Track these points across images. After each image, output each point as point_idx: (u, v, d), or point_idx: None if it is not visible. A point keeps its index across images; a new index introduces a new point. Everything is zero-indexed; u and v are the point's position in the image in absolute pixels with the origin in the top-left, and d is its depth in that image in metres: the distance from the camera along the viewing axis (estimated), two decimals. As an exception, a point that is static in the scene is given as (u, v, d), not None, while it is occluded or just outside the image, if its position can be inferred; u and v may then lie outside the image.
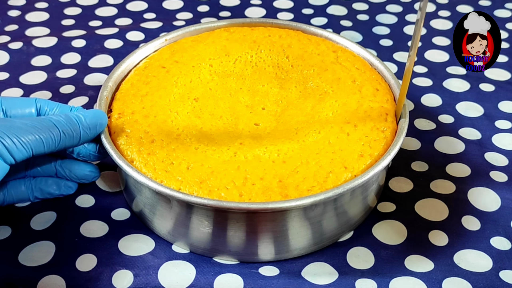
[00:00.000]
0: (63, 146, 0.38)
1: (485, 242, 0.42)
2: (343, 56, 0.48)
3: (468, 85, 0.57)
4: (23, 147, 0.35)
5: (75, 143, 0.39)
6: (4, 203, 0.42)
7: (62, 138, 0.37)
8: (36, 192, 0.43)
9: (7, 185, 0.42)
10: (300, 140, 0.41)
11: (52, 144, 0.37)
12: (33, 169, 0.43)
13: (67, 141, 0.38)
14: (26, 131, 0.36)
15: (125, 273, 0.40)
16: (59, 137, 0.37)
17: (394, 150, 0.40)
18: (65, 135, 0.37)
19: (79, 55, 0.60)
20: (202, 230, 0.39)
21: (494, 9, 0.70)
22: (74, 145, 0.39)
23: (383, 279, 0.40)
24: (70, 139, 0.38)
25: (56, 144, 0.37)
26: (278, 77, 0.48)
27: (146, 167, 0.39)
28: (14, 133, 0.35)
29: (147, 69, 0.47)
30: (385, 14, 0.68)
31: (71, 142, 0.38)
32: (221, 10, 0.68)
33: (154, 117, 0.43)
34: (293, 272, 0.40)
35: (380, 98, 0.44)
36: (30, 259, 0.40)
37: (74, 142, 0.39)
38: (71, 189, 0.44)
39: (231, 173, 0.39)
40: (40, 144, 0.36)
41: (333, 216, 0.40)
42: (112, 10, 0.68)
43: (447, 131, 0.52)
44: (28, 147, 0.36)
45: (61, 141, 0.37)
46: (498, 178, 0.47)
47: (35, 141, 0.36)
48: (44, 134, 0.36)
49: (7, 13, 0.66)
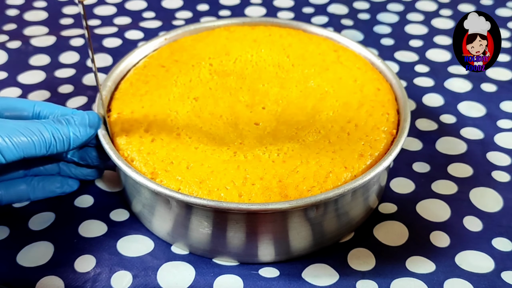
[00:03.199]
0: (55, 151, 0.38)
1: (487, 243, 0.42)
2: (344, 56, 0.48)
3: (470, 85, 0.57)
4: (14, 148, 0.35)
5: (66, 147, 0.38)
6: (2, 202, 0.42)
7: (53, 142, 0.37)
8: (37, 191, 0.43)
9: (6, 184, 0.42)
10: (300, 139, 0.41)
11: (43, 147, 0.37)
12: (35, 168, 0.43)
13: (58, 145, 0.38)
14: (18, 132, 0.36)
15: (124, 274, 0.39)
16: (49, 141, 0.37)
17: (396, 150, 0.40)
18: (55, 140, 0.37)
19: (78, 54, 0.60)
20: (202, 231, 0.39)
21: (496, 8, 0.69)
22: (65, 149, 0.38)
23: (384, 280, 0.39)
24: (60, 144, 0.38)
25: (47, 148, 0.37)
26: (278, 76, 0.47)
27: (146, 167, 0.39)
28: (6, 133, 0.35)
29: (146, 68, 0.47)
30: (386, 13, 0.68)
31: (62, 146, 0.38)
32: (221, 9, 0.68)
33: (154, 117, 0.42)
34: (294, 274, 0.40)
35: (381, 98, 0.44)
36: (28, 260, 0.40)
37: (65, 146, 0.38)
38: (73, 187, 0.44)
39: (230, 173, 0.38)
40: (31, 146, 0.36)
41: (334, 217, 0.40)
42: (111, 9, 0.68)
43: (449, 131, 0.52)
44: (19, 149, 0.36)
45: (51, 145, 0.37)
46: (500, 178, 0.47)
47: (26, 143, 0.36)
48: (35, 137, 0.36)
49: (5, 12, 0.66)
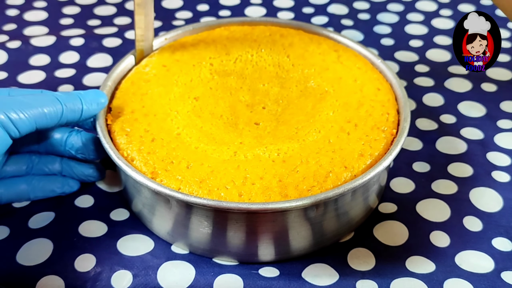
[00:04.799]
0: (65, 120, 0.39)
1: (486, 243, 0.42)
2: (344, 56, 0.48)
3: (470, 85, 0.57)
4: (27, 119, 0.36)
5: (77, 117, 0.39)
6: (1, 201, 0.42)
7: (65, 111, 0.38)
8: (37, 190, 0.43)
9: (6, 183, 0.42)
10: (300, 139, 0.41)
11: (55, 116, 0.38)
12: (37, 166, 0.43)
13: (69, 114, 0.39)
14: (29, 105, 0.36)
15: (124, 273, 0.39)
16: (61, 110, 0.38)
17: (396, 150, 0.40)
18: (67, 108, 0.38)
19: (78, 54, 0.60)
20: (202, 230, 0.39)
21: (496, 8, 0.69)
22: (76, 119, 0.39)
23: (384, 280, 0.39)
24: (72, 113, 0.39)
25: (59, 117, 0.38)
26: (278, 76, 0.47)
27: (146, 166, 0.39)
28: (18, 107, 0.36)
29: (147, 68, 0.47)
30: (386, 13, 0.68)
31: (73, 116, 0.39)
32: (221, 9, 0.68)
33: (154, 116, 0.42)
34: (293, 273, 0.40)
35: (381, 98, 0.44)
36: (28, 259, 0.40)
37: (76, 116, 0.39)
38: (73, 187, 0.44)
39: (230, 173, 0.38)
40: (43, 116, 0.37)
41: (334, 217, 0.40)
42: (111, 9, 0.67)
43: (449, 131, 0.52)
44: (32, 120, 0.36)
45: (63, 114, 0.38)
46: (501, 178, 0.47)
47: (38, 114, 0.37)
48: (47, 107, 0.37)
49: (5, 12, 0.66)
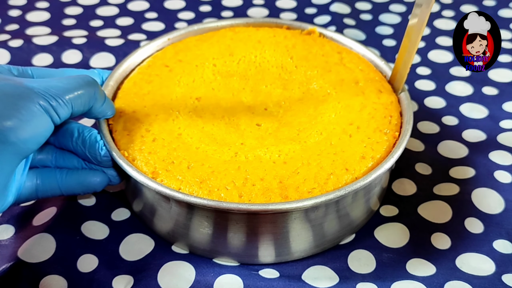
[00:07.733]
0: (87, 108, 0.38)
1: (488, 245, 0.42)
2: (347, 58, 0.48)
3: (472, 86, 0.57)
4: (66, 105, 0.36)
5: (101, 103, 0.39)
6: (38, 195, 0.40)
7: (92, 99, 0.38)
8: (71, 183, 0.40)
9: (42, 173, 0.40)
10: (302, 141, 0.41)
11: (86, 104, 0.37)
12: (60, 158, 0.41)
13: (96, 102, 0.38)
14: (66, 89, 0.36)
15: (124, 274, 0.39)
16: (93, 93, 0.38)
17: (398, 153, 0.40)
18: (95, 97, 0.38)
19: (80, 54, 0.60)
20: (202, 231, 0.39)
21: (499, 9, 0.69)
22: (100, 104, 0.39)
23: (384, 283, 0.39)
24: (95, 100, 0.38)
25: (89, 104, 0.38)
26: (281, 77, 0.47)
27: (146, 166, 0.39)
28: (57, 93, 0.35)
29: (150, 68, 0.47)
30: (389, 14, 0.68)
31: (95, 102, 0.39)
32: (223, 10, 0.68)
33: (156, 116, 0.42)
34: (294, 275, 0.40)
35: (383, 100, 0.44)
36: (31, 256, 0.40)
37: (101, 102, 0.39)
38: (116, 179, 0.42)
39: (231, 173, 0.38)
40: (78, 100, 0.37)
41: (335, 219, 0.39)
42: (113, 9, 0.68)
43: (451, 133, 0.51)
44: (69, 105, 0.36)
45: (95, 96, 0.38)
46: (503, 179, 0.47)
47: (74, 98, 0.36)
48: (81, 90, 0.37)
49: (7, 13, 0.66)
